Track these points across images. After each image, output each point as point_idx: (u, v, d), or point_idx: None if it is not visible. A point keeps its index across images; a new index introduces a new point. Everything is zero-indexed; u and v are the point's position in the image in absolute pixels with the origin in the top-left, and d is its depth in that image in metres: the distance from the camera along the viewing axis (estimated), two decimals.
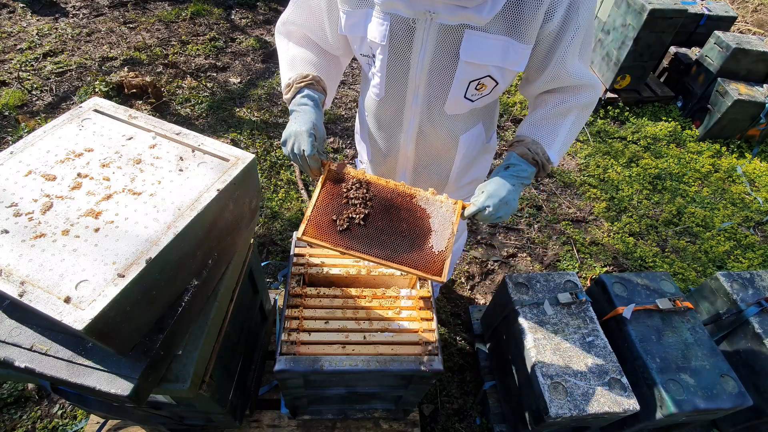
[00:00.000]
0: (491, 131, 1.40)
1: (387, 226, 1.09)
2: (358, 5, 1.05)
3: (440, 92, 1.12)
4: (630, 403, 1.47)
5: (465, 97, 1.12)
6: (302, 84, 1.13)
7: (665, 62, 4.23)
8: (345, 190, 1.12)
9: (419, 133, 1.25)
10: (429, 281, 1.40)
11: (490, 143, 1.43)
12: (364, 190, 1.12)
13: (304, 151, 1.06)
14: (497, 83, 1.09)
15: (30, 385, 1.92)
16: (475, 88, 1.10)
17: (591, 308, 1.75)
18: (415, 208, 1.12)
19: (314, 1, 1.15)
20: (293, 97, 1.14)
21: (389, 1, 0.96)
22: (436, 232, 1.10)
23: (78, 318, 0.80)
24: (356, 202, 1.10)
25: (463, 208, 1.13)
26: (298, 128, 1.07)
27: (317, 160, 1.09)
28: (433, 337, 1.28)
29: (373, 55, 1.12)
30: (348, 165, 1.16)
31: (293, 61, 1.19)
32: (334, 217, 1.09)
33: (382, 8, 1.00)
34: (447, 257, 1.06)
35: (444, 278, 1.04)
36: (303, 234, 1.06)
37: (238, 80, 3.80)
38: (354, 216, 1.09)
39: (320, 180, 1.13)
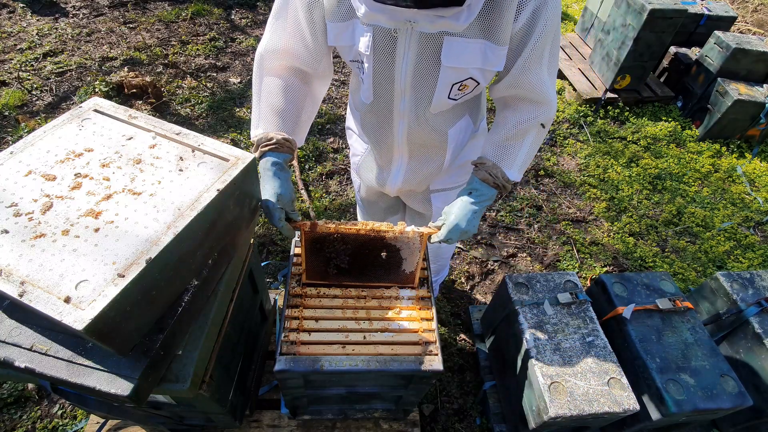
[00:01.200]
0: (479, 120, 1.45)
1: (367, 262, 1.33)
2: (344, 18, 1.07)
3: (425, 95, 1.17)
4: (630, 403, 1.47)
5: (449, 97, 1.17)
6: (266, 148, 1.18)
7: (665, 62, 4.23)
8: (325, 247, 1.30)
9: (409, 132, 1.30)
10: (428, 281, 1.42)
11: (479, 131, 1.48)
12: (341, 244, 1.29)
13: (274, 224, 1.20)
14: (478, 83, 1.14)
15: (30, 385, 1.92)
16: (458, 89, 1.14)
17: (591, 308, 1.75)
18: (387, 245, 1.30)
19: (292, 19, 1.13)
20: (260, 158, 1.21)
21: (370, 14, 0.98)
22: (406, 260, 1.33)
23: (78, 318, 0.80)
24: (336, 255, 1.31)
25: (429, 235, 1.28)
26: (266, 203, 1.18)
27: (289, 229, 1.21)
28: (433, 337, 1.28)
29: (362, 62, 1.15)
30: (319, 223, 1.25)
31: (262, 111, 1.21)
32: (324, 268, 1.33)
33: (364, 20, 1.03)
34: (416, 273, 1.36)
35: (416, 284, 1.38)
36: (305, 279, 1.35)
37: (238, 80, 3.81)
38: (339, 264, 1.33)
39: (302, 242, 1.29)
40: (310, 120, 1.33)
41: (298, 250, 1.45)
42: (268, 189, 1.18)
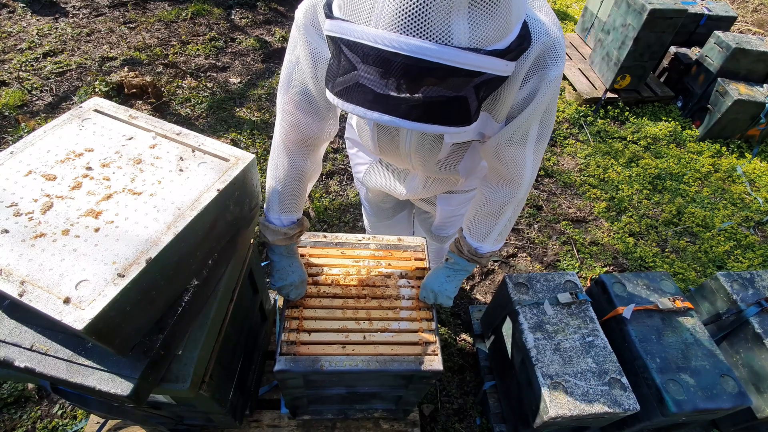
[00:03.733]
0: None
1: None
2: None
3: (429, 156, 1.20)
4: (630, 403, 1.47)
5: (450, 147, 1.19)
6: (282, 243, 1.25)
7: (665, 62, 4.23)
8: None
9: (420, 172, 1.34)
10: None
11: None
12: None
13: (292, 297, 1.31)
14: (479, 140, 1.15)
15: (30, 385, 1.92)
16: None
17: (591, 308, 1.75)
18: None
19: (298, 87, 1.06)
20: (272, 242, 1.26)
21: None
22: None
23: (78, 318, 0.80)
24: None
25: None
26: (291, 284, 1.29)
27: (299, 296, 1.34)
28: (433, 337, 1.28)
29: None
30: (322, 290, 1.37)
31: (274, 193, 1.22)
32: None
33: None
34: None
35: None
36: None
37: (238, 80, 3.81)
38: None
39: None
40: (306, 193, 1.34)
41: (298, 250, 1.45)
42: (293, 276, 1.28)
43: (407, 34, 0.63)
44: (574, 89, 4.03)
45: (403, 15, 0.62)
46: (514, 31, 0.71)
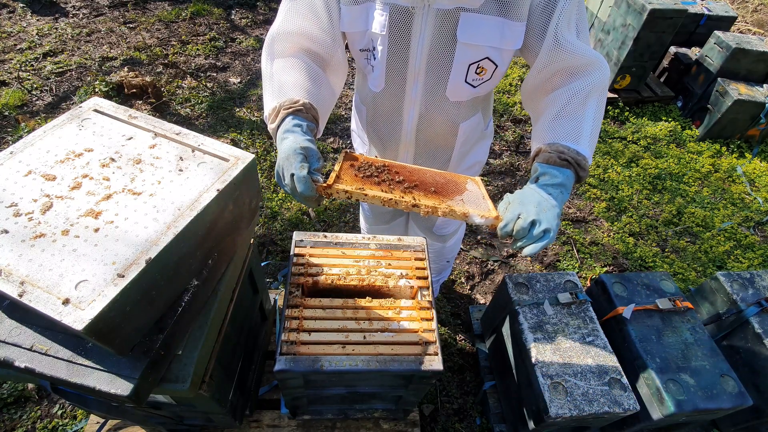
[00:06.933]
0: (488, 118, 1.43)
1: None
2: (360, 0, 1.07)
3: (440, 78, 1.14)
4: (630, 403, 1.47)
5: (466, 81, 1.13)
6: (290, 110, 0.99)
7: (665, 62, 4.23)
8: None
9: (419, 122, 1.27)
10: (429, 284, 1.40)
11: (487, 130, 1.46)
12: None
13: (293, 175, 0.90)
14: (496, 66, 1.11)
15: (30, 385, 1.92)
16: (476, 72, 1.11)
17: (591, 308, 1.75)
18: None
19: (307, 1, 1.10)
20: (280, 124, 1.00)
21: None
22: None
23: (78, 318, 0.79)
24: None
25: (494, 227, 0.97)
26: (288, 152, 0.93)
27: (311, 186, 0.90)
28: (433, 337, 1.28)
29: (374, 48, 1.13)
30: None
31: (282, 87, 1.05)
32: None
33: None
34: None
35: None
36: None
37: (238, 80, 3.81)
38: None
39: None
40: (329, 108, 1.16)
41: (298, 250, 1.45)
42: (292, 142, 0.93)
43: None
44: None
45: None
46: None
